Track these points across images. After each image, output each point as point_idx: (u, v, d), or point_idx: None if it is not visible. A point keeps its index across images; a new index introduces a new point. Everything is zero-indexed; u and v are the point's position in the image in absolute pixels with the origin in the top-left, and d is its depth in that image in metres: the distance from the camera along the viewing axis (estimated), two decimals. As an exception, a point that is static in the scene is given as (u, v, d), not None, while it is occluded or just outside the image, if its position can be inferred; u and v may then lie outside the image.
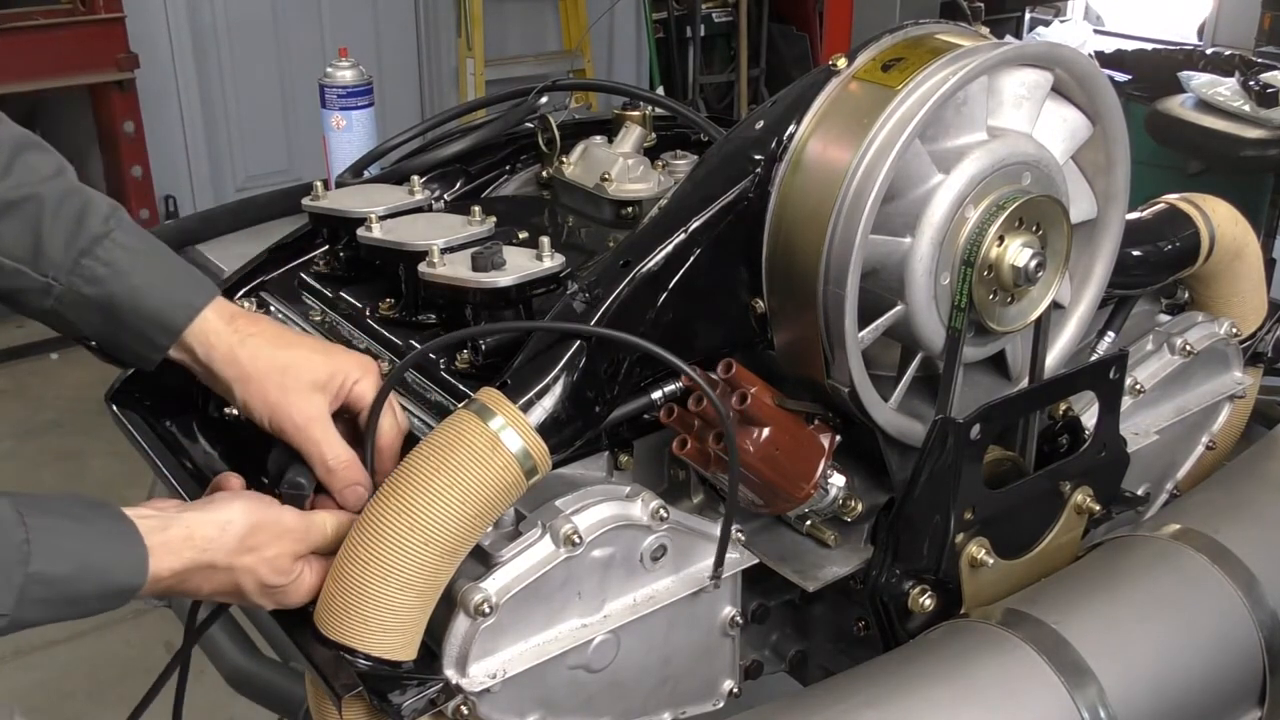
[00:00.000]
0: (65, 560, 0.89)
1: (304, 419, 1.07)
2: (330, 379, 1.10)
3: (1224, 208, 1.52)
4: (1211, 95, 3.85)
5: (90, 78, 4.36)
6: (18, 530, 0.86)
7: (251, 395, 1.09)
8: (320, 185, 1.49)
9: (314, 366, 1.10)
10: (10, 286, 1.08)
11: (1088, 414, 1.30)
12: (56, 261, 1.06)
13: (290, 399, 1.08)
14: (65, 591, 0.89)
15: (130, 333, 1.09)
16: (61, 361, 4.45)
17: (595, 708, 1.14)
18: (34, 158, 1.09)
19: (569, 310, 1.11)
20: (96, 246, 1.07)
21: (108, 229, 1.08)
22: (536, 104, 1.69)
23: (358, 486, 1.07)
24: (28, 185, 1.07)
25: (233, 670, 1.52)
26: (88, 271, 1.07)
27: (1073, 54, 1.17)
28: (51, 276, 1.07)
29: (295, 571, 1.02)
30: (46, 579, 0.87)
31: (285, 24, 5.09)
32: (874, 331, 1.11)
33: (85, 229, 1.07)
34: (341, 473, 1.07)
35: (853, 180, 1.06)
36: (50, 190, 1.08)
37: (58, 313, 1.09)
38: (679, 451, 1.12)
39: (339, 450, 1.08)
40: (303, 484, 1.08)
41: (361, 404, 1.11)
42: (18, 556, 0.86)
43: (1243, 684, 1.21)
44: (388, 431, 1.11)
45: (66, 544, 0.89)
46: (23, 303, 1.09)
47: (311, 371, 1.09)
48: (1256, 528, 1.29)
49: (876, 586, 1.19)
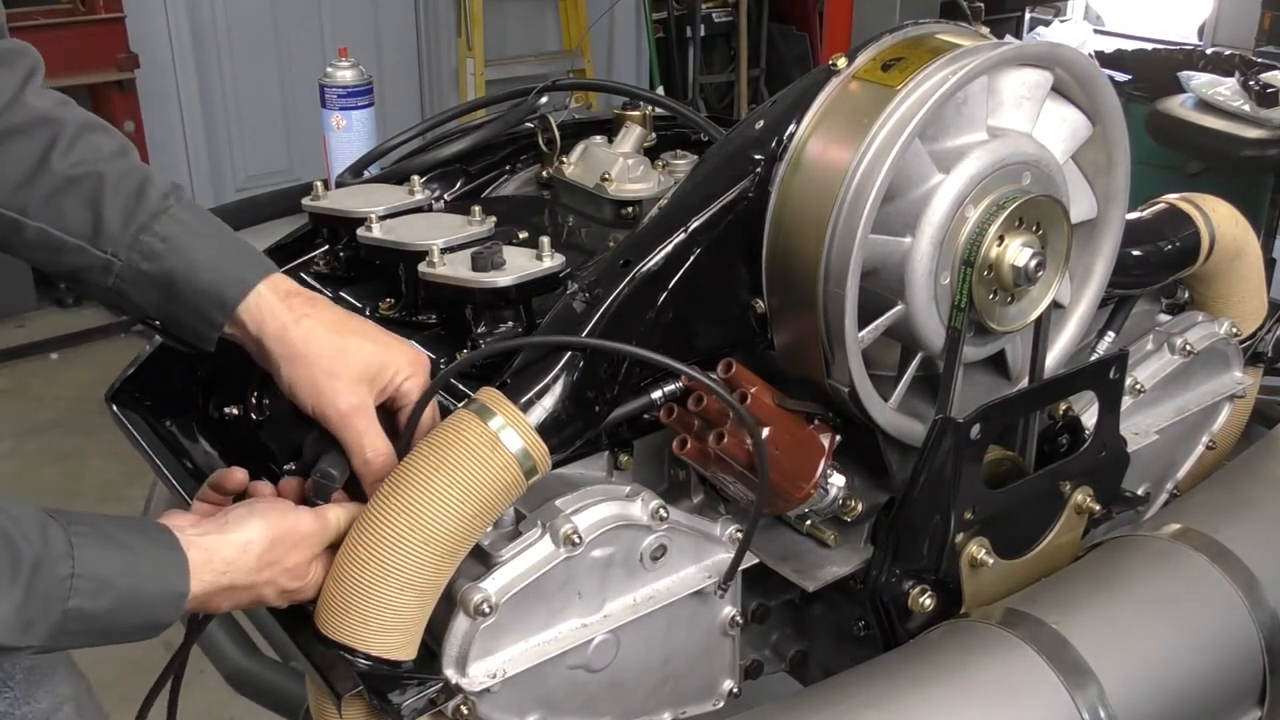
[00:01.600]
0: (107, 596, 0.89)
1: (349, 407, 1.07)
2: (380, 372, 1.09)
3: (1224, 208, 1.52)
4: (1211, 95, 3.85)
5: (90, 78, 4.37)
6: (65, 564, 0.87)
7: (298, 378, 1.08)
8: (320, 185, 1.49)
9: (365, 356, 1.08)
10: (74, 265, 1.09)
11: (1088, 414, 1.30)
12: (115, 237, 1.07)
13: (337, 385, 1.07)
14: (102, 625, 0.89)
15: (188, 309, 1.09)
16: (61, 361, 4.45)
17: (595, 708, 1.14)
18: (97, 137, 1.11)
19: (569, 310, 1.11)
20: (155, 223, 1.08)
21: (166, 205, 1.09)
22: (536, 104, 1.69)
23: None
24: (89, 163, 1.08)
25: (233, 670, 1.52)
26: (146, 247, 1.07)
27: (1073, 54, 1.16)
28: (111, 253, 1.07)
29: (311, 572, 1.02)
30: (85, 615, 0.88)
31: (285, 24, 5.08)
32: (874, 331, 1.11)
33: (144, 205, 1.08)
34: (378, 466, 1.06)
35: (853, 180, 1.06)
36: (111, 168, 1.09)
37: (120, 291, 1.09)
38: (679, 451, 1.12)
39: (379, 443, 1.07)
40: (334, 475, 1.07)
41: (407, 400, 1.10)
42: (59, 592, 0.86)
43: (1243, 684, 1.21)
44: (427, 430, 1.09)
45: (110, 578, 0.89)
46: (87, 281, 1.10)
47: (363, 361, 1.08)
48: (1256, 528, 1.29)
49: (876, 586, 1.19)
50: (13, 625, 0.84)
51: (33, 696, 1.15)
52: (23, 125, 1.09)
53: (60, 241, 1.08)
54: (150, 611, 0.92)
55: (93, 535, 0.89)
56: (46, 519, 0.88)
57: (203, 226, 1.11)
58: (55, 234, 1.08)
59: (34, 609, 0.85)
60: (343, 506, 1.06)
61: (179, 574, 0.93)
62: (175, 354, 1.39)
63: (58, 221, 1.08)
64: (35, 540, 0.86)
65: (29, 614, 0.85)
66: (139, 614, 0.91)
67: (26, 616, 0.85)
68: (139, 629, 0.92)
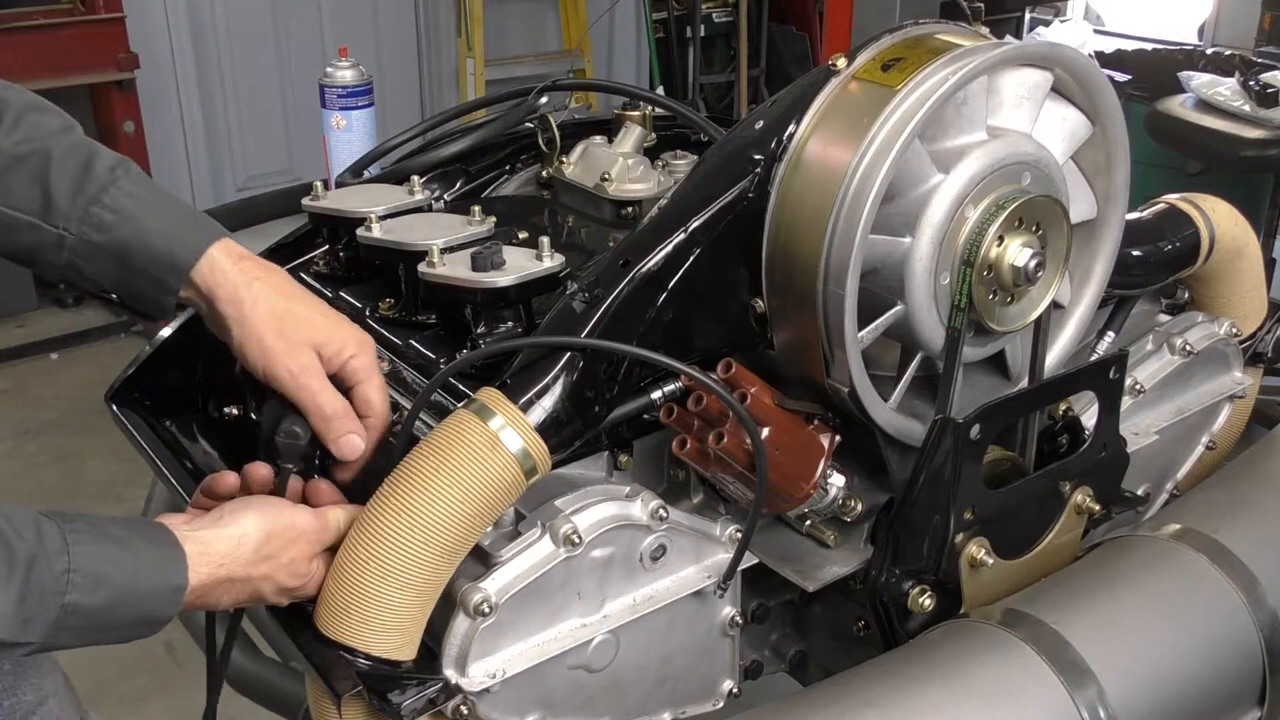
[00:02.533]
0: (104, 590, 0.89)
1: (299, 367, 1.07)
2: (328, 341, 1.10)
3: (1224, 208, 1.52)
4: (1211, 95, 3.85)
5: (90, 78, 4.36)
6: (61, 559, 0.87)
7: (248, 338, 1.08)
8: (320, 185, 1.49)
9: (315, 326, 1.10)
10: (27, 244, 1.09)
11: (1088, 414, 1.30)
12: (65, 211, 1.08)
13: (287, 347, 1.08)
14: (100, 620, 0.90)
15: (143, 277, 1.10)
16: (61, 361, 4.44)
17: (595, 708, 1.14)
18: (42, 116, 1.12)
19: (569, 310, 1.11)
20: (104, 194, 1.09)
21: (114, 178, 1.10)
22: (536, 104, 1.69)
23: (353, 436, 1.08)
24: (35, 140, 1.09)
25: (233, 670, 1.52)
26: (96, 219, 1.08)
27: (1073, 54, 1.16)
28: (63, 227, 1.08)
29: (312, 571, 1.02)
30: (83, 610, 0.88)
31: (285, 24, 5.08)
32: (874, 331, 1.11)
33: (92, 178, 1.09)
34: (337, 421, 1.07)
35: (852, 180, 1.06)
36: (57, 144, 1.10)
37: (75, 266, 1.10)
38: (679, 451, 1.12)
39: (335, 400, 1.08)
40: (298, 433, 1.07)
41: (355, 379, 1.10)
42: (56, 588, 0.86)
43: (1243, 684, 1.21)
44: (378, 403, 1.11)
45: (107, 572, 0.89)
46: (41, 260, 1.10)
47: (312, 329, 1.09)
48: (1256, 528, 1.29)
49: (876, 586, 1.19)
50: (11, 621, 0.85)
51: (18, 689, 1.16)
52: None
53: (12, 219, 1.08)
54: (148, 606, 0.92)
55: (89, 532, 0.90)
56: (41, 517, 0.89)
57: (151, 196, 1.12)
58: (7, 213, 1.08)
59: (31, 605, 0.85)
60: (343, 507, 1.06)
61: (176, 567, 0.93)
62: (175, 354, 1.40)
63: (7, 199, 1.08)
64: (30, 537, 0.86)
65: (27, 610, 0.85)
66: (137, 608, 0.91)
67: (24, 613, 0.85)
68: (137, 624, 0.93)
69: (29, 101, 1.12)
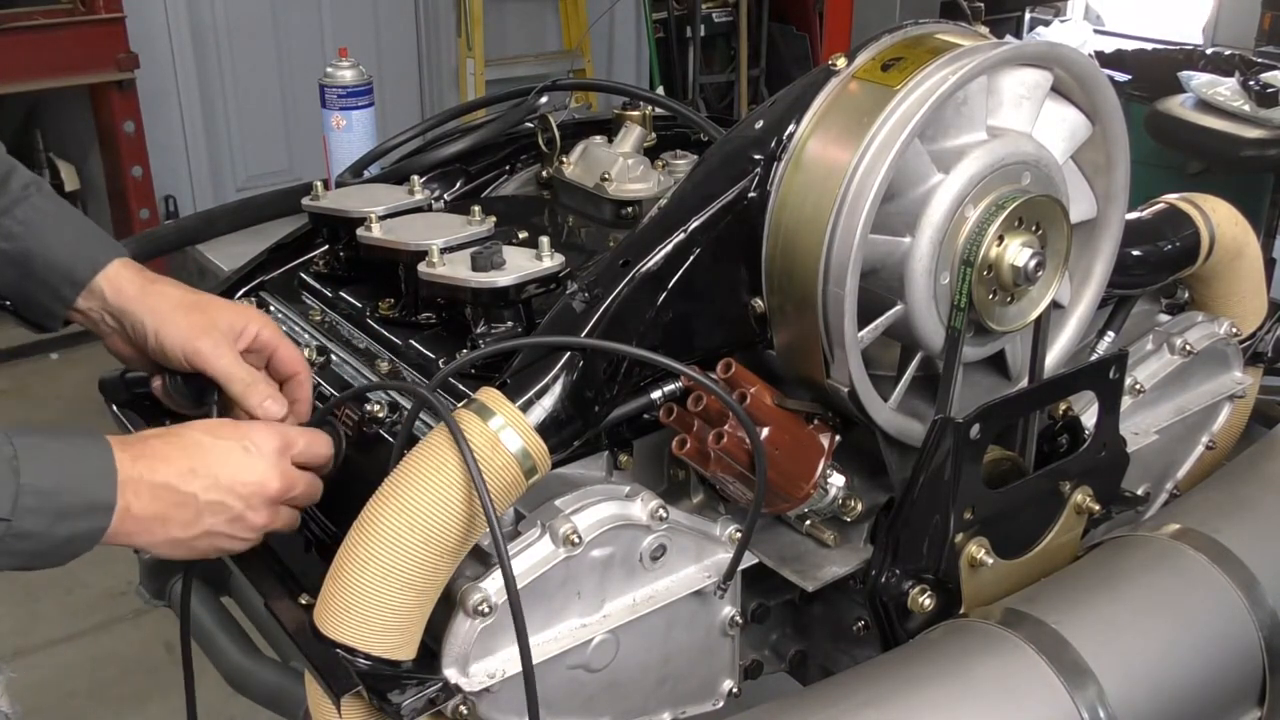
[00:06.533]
0: (49, 474, 0.93)
1: (214, 343, 1.16)
2: (235, 321, 1.18)
3: (1224, 208, 1.52)
4: (1211, 95, 3.85)
5: (90, 78, 4.36)
6: (6, 447, 0.92)
7: (165, 326, 1.17)
8: (320, 185, 1.49)
9: (220, 308, 1.20)
10: None
11: (1088, 414, 1.30)
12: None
13: (205, 325, 1.17)
14: (54, 504, 0.93)
15: (40, 285, 1.19)
16: (61, 361, 4.44)
17: (595, 708, 1.14)
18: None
19: (569, 310, 1.11)
20: (15, 207, 1.18)
21: (26, 194, 1.19)
22: (536, 104, 1.69)
23: (269, 401, 1.16)
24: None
25: (232, 670, 1.52)
26: (4, 229, 1.17)
27: (1073, 54, 1.16)
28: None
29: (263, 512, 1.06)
30: (36, 490, 0.92)
31: (285, 24, 5.08)
32: (874, 331, 1.11)
33: (6, 192, 1.18)
34: (260, 386, 1.16)
35: (852, 180, 1.06)
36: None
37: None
38: (679, 451, 1.12)
39: (250, 369, 1.17)
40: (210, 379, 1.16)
41: (268, 348, 1.19)
42: (9, 470, 0.91)
43: (1242, 684, 1.21)
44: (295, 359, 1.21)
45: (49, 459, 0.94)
46: None
47: (218, 311, 1.19)
48: (1256, 528, 1.29)
49: (876, 586, 1.19)
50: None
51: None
52: None
53: None
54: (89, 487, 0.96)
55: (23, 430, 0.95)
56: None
57: (61, 213, 1.21)
58: None
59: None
60: (301, 430, 1.12)
61: (104, 450, 0.98)
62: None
63: None
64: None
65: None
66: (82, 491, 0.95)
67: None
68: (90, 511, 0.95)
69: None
